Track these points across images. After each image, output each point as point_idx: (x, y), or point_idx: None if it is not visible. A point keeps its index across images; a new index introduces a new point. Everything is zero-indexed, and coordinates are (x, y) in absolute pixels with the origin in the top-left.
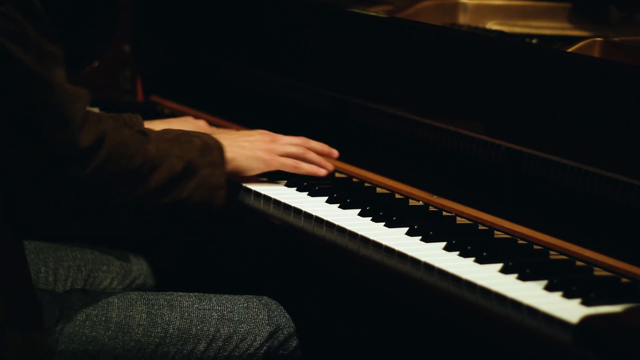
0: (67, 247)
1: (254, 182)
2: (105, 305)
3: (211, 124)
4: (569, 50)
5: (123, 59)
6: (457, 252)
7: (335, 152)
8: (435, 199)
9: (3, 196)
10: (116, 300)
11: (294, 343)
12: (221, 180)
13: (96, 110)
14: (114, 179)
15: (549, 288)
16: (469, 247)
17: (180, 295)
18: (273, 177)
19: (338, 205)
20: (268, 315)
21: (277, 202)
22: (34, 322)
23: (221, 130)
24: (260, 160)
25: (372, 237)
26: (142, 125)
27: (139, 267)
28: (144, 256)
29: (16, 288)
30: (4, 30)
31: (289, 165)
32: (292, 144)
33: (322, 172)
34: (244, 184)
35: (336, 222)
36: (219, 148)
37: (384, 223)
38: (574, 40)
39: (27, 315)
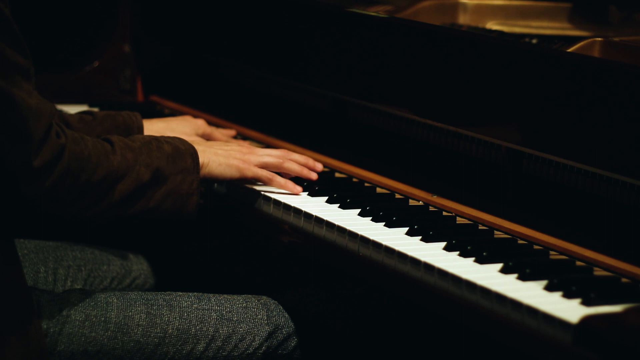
0: (67, 246)
1: (254, 183)
2: (105, 305)
3: (211, 124)
4: (569, 50)
5: (123, 59)
6: (457, 252)
7: (319, 166)
8: (435, 199)
9: None
10: (115, 301)
11: (293, 343)
12: (193, 187)
13: (96, 110)
14: (75, 193)
15: (549, 288)
16: (469, 247)
17: (180, 295)
18: None
19: (338, 205)
20: (267, 315)
21: (277, 202)
22: (33, 323)
23: (199, 141)
24: (234, 168)
25: (372, 237)
26: (141, 123)
27: (139, 267)
28: (144, 256)
29: (12, 289)
30: None
31: (263, 176)
32: (270, 155)
33: (297, 189)
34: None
35: (336, 222)
36: (191, 153)
37: (384, 223)
38: (574, 40)
39: (26, 317)
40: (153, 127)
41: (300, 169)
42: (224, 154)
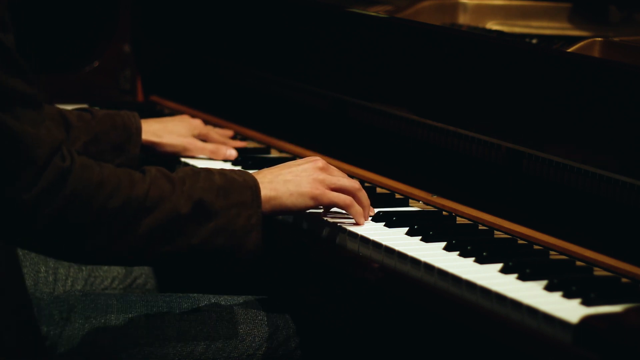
0: None
1: None
2: (105, 307)
3: (212, 124)
4: (569, 50)
5: (123, 59)
6: (457, 252)
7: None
8: (435, 199)
9: None
10: (115, 303)
11: (293, 343)
12: (252, 222)
13: (96, 108)
14: (86, 223)
15: (549, 288)
16: (469, 247)
17: (179, 297)
18: None
19: None
20: (267, 316)
21: None
22: (33, 326)
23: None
24: (308, 197)
25: (372, 237)
26: (139, 124)
27: (140, 267)
28: None
29: (12, 292)
30: None
31: (341, 201)
32: (346, 178)
33: (362, 221)
34: None
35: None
36: (251, 186)
37: (383, 223)
38: (574, 40)
39: (26, 319)
40: (150, 129)
41: (368, 204)
42: (294, 180)
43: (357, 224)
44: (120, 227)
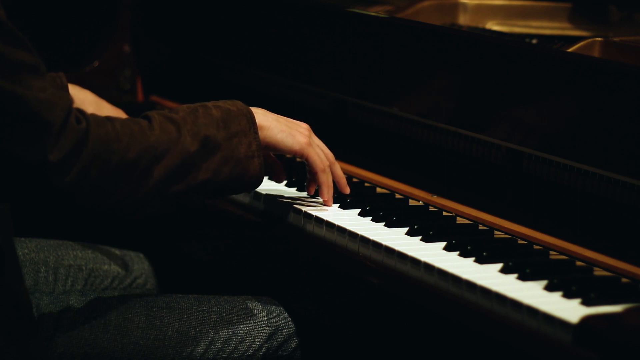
0: (68, 245)
1: None
2: (104, 307)
3: None
4: (569, 50)
5: (123, 59)
6: (457, 252)
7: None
8: (435, 199)
9: None
10: (115, 303)
11: (294, 344)
12: (252, 149)
13: None
14: (110, 178)
15: (549, 288)
16: (469, 247)
17: (179, 297)
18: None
19: (338, 205)
20: (267, 316)
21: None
22: (32, 326)
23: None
24: (296, 140)
25: (372, 237)
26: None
27: (140, 267)
28: (145, 255)
29: (12, 291)
30: None
31: (320, 161)
32: (325, 148)
33: (328, 193)
34: None
35: (336, 222)
36: (245, 114)
37: (384, 223)
38: (574, 40)
39: (25, 319)
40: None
41: (342, 176)
42: (285, 123)
43: (323, 199)
44: (139, 175)
